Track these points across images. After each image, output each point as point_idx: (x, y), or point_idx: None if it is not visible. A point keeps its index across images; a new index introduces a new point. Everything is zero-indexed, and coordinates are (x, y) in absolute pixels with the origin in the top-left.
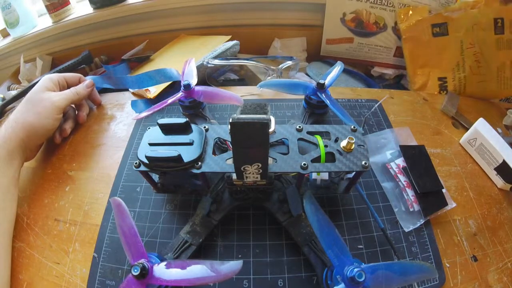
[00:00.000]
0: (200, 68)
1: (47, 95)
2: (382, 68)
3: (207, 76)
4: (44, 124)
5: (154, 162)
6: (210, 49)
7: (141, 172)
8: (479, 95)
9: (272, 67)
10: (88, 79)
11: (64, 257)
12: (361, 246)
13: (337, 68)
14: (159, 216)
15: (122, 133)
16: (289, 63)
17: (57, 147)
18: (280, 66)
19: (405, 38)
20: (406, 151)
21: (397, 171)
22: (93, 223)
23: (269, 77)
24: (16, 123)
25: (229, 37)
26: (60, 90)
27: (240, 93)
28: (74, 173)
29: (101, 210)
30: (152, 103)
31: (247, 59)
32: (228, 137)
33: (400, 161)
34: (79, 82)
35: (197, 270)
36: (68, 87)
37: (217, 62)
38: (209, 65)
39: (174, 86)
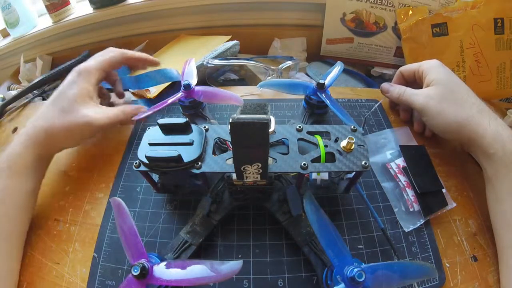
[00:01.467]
0: (200, 68)
1: (85, 111)
2: (382, 68)
3: (207, 76)
4: (70, 142)
5: (154, 162)
6: (210, 49)
7: (141, 172)
8: (479, 95)
9: (272, 67)
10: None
11: (64, 257)
12: (361, 246)
13: (337, 68)
14: (159, 216)
15: (122, 133)
16: (289, 63)
17: None
18: (280, 66)
19: (405, 38)
20: (406, 151)
21: (397, 171)
22: (93, 223)
23: (269, 77)
24: (36, 137)
25: (229, 37)
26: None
27: (240, 93)
28: (74, 173)
29: (101, 210)
30: (152, 103)
31: (247, 59)
32: (228, 137)
33: (400, 161)
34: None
35: (197, 270)
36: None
37: (217, 62)
38: (209, 65)
39: (174, 86)
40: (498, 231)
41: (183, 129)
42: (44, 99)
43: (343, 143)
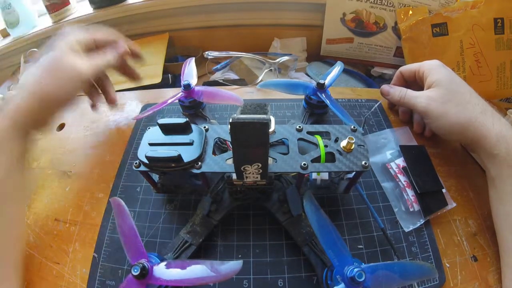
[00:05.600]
0: None
1: (72, 60)
2: (382, 68)
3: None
4: (62, 96)
5: (154, 162)
6: (153, 51)
7: (141, 172)
8: (479, 95)
9: (269, 60)
10: (123, 46)
11: (64, 257)
12: (361, 246)
13: (337, 68)
14: (159, 216)
15: (122, 133)
16: (285, 57)
17: (57, 147)
18: (277, 60)
19: (405, 38)
20: (406, 151)
21: (397, 171)
22: (93, 223)
23: (266, 70)
24: (28, 92)
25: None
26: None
27: (240, 93)
28: (74, 173)
29: (101, 210)
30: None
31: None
32: (228, 137)
33: (400, 161)
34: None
35: (197, 270)
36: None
37: (216, 54)
38: (209, 57)
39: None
40: (501, 233)
41: (183, 129)
42: None
43: (343, 143)
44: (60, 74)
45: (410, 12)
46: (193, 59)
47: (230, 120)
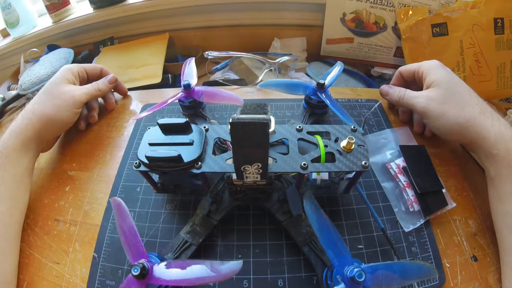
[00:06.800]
0: None
1: (67, 88)
2: (382, 68)
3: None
4: (63, 117)
5: (154, 162)
6: (154, 51)
7: (141, 172)
8: (479, 95)
9: (269, 60)
10: (111, 74)
11: (64, 257)
12: (361, 246)
13: (337, 68)
14: (159, 216)
15: (122, 133)
16: (285, 57)
17: (57, 147)
18: (277, 60)
19: (405, 38)
20: (406, 151)
21: (397, 171)
22: (93, 223)
23: (266, 70)
24: (34, 114)
25: (168, 36)
26: (80, 82)
27: (240, 93)
28: (74, 173)
29: (101, 210)
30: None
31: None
32: (228, 137)
33: (400, 161)
34: (100, 74)
35: (197, 270)
36: (88, 78)
37: (216, 54)
38: (209, 57)
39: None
40: (501, 232)
41: (183, 129)
42: None
43: (343, 143)
44: (58, 99)
45: (410, 12)
46: (193, 59)
47: (230, 120)
